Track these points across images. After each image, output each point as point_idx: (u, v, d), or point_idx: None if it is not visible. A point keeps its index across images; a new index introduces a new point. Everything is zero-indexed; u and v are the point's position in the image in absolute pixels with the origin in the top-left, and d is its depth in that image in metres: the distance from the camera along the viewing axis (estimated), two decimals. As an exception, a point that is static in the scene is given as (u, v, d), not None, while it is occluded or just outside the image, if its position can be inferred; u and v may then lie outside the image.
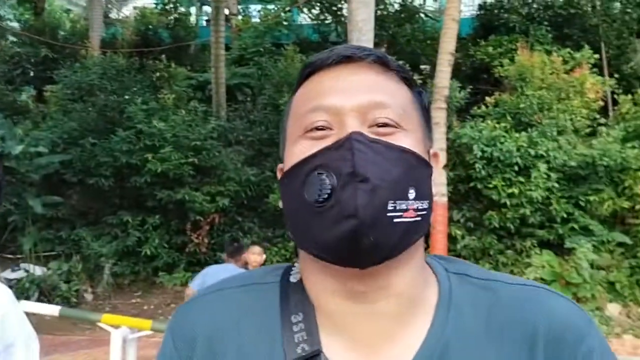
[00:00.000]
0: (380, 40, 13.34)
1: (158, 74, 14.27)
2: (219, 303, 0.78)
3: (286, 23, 16.79)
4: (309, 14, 17.26)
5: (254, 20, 17.84)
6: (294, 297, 0.75)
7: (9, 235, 10.94)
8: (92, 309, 10.04)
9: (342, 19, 15.20)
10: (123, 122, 11.21)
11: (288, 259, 10.07)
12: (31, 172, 10.42)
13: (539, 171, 9.21)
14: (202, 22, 20.30)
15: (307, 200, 0.66)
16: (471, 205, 9.97)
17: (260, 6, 19.21)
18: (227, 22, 15.64)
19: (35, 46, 15.45)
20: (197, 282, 5.33)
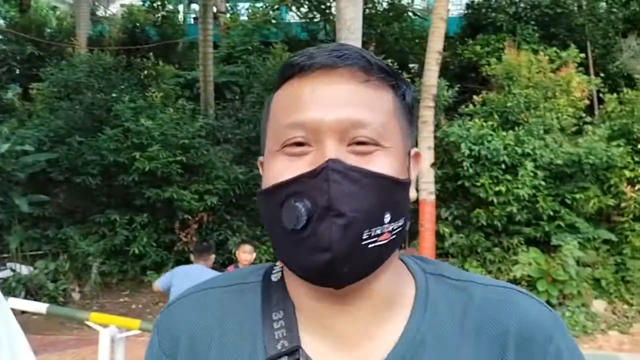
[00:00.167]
0: (368, 39, 13.37)
1: (146, 72, 14.21)
2: (203, 303, 0.80)
3: (274, 21, 16.76)
4: (297, 12, 17.25)
5: (242, 18, 17.81)
6: (275, 295, 0.77)
7: (-5, 234, 10.86)
8: (80, 308, 9.97)
9: (331, 18, 15.21)
10: (110, 120, 11.15)
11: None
12: (17, 171, 10.33)
13: (526, 169, 9.29)
14: (190, 20, 20.22)
15: (284, 227, 0.68)
16: (459, 203, 10.04)
17: (248, 4, 19.16)
18: (215, 20, 15.58)
19: (21, 44, 15.30)
20: (164, 280, 5.29)
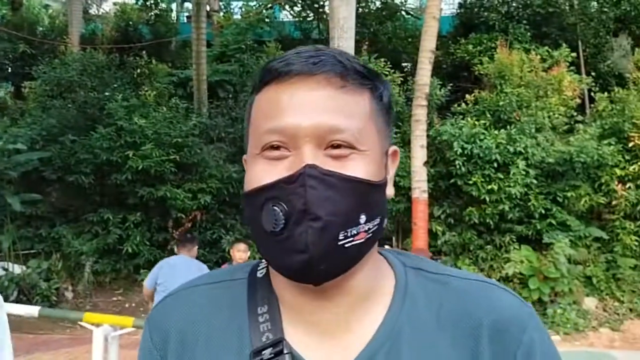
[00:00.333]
0: (361, 38, 13.39)
1: (139, 71, 14.17)
2: (191, 299, 0.84)
3: (268, 20, 16.76)
4: (290, 11, 17.26)
5: (236, 17, 17.78)
6: (260, 291, 0.81)
7: (-13, 233, 10.80)
8: (73, 307, 9.96)
9: (324, 16, 15.22)
10: (103, 118, 11.12)
11: (270, 255, 10.08)
12: (9, 170, 10.27)
13: (518, 168, 9.34)
14: (183, 19, 20.18)
15: (264, 228, 0.72)
16: (451, 201, 10.08)
17: (241, 3, 19.14)
18: (208, 18, 15.56)
19: (13, 42, 15.24)
20: (151, 277, 5.40)
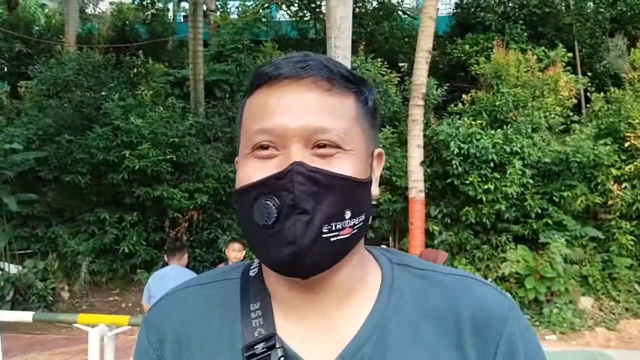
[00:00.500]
0: (358, 38, 13.41)
1: (135, 70, 14.16)
2: (186, 299, 0.87)
3: (264, 20, 16.75)
4: (287, 10, 17.25)
5: (233, 16, 17.79)
6: (252, 288, 0.84)
7: (-17, 233, 10.77)
8: (69, 307, 9.94)
9: (321, 16, 15.24)
10: (100, 118, 11.10)
11: (267, 255, 10.07)
12: (6, 169, 10.25)
13: (514, 167, 9.36)
14: (180, 18, 20.15)
15: (256, 223, 0.75)
16: (448, 201, 10.10)
17: (238, 2, 19.15)
18: (205, 18, 15.56)
19: (9, 41, 15.20)
20: (145, 293, 5.19)
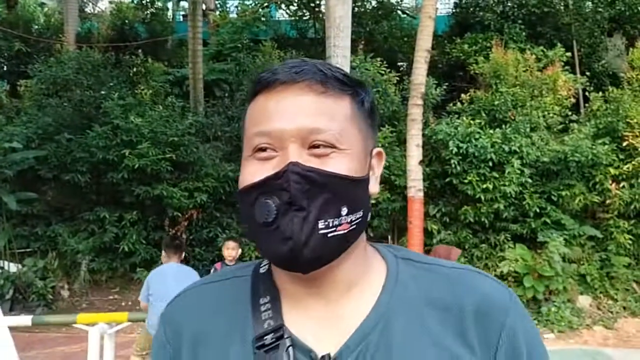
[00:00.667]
0: (357, 37, 13.42)
1: (135, 69, 14.15)
2: (201, 296, 0.92)
3: (264, 19, 16.75)
4: (286, 10, 17.26)
5: (232, 15, 17.78)
6: (262, 284, 0.89)
7: (-17, 232, 10.78)
8: (69, 306, 9.97)
9: (320, 16, 15.25)
10: (99, 117, 11.11)
11: (266, 254, 10.08)
12: (5, 168, 10.26)
13: (513, 167, 9.37)
14: (179, 17, 20.14)
15: (257, 221, 0.80)
16: (447, 200, 10.12)
17: (237, 2, 19.15)
18: (204, 17, 15.55)
19: (9, 40, 15.20)
20: (143, 291, 5.26)
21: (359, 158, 0.83)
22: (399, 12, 16.57)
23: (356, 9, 14.01)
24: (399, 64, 14.95)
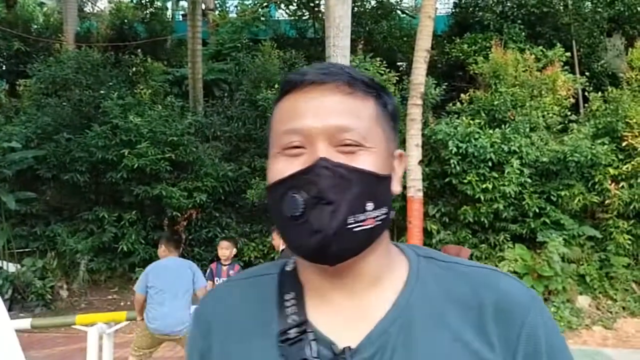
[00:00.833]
0: (357, 37, 13.42)
1: (134, 69, 14.14)
2: (230, 292, 0.97)
3: (263, 19, 16.77)
4: (286, 9, 17.26)
5: (231, 15, 17.80)
6: (288, 281, 0.92)
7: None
8: (68, 305, 9.96)
9: (320, 15, 15.25)
10: (98, 117, 11.11)
11: (266, 253, 10.10)
12: (4, 168, 10.26)
13: (512, 167, 9.37)
14: (179, 17, 20.14)
15: (285, 214, 0.81)
16: (446, 200, 10.12)
17: (237, 1, 19.15)
18: (203, 17, 15.55)
19: (8, 39, 15.20)
20: (141, 282, 5.21)
21: (383, 157, 0.86)
22: (399, 12, 16.58)
23: (356, 8, 14.01)
24: (399, 63, 14.95)
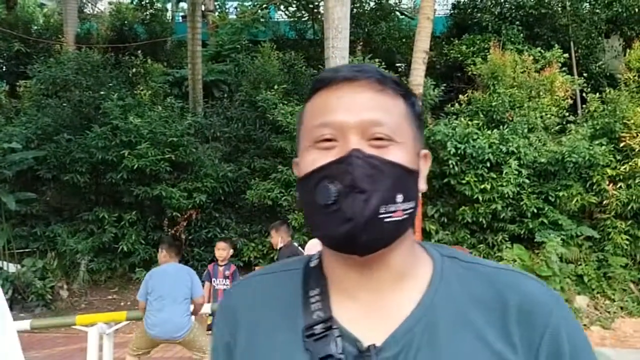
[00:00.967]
0: (356, 38, 13.46)
1: (134, 70, 14.17)
2: (256, 286, 0.97)
3: (263, 20, 16.81)
4: (285, 11, 17.32)
5: (231, 16, 17.84)
6: (312, 277, 0.93)
7: (-18, 232, 10.80)
8: (68, 306, 9.98)
9: (319, 17, 15.29)
10: (99, 118, 11.13)
11: (265, 254, 10.13)
12: (4, 169, 10.28)
13: (510, 167, 9.40)
14: (179, 18, 20.20)
15: (318, 203, 0.83)
16: (445, 200, 10.15)
17: (237, 3, 19.20)
18: (203, 18, 15.60)
19: (8, 40, 15.24)
20: (142, 289, 5.19)
21: (411, 153, 0.88)
22: (397, 13, 16.64)
23: (355, 10, 14.05)
24: (397, 64, 14.99)
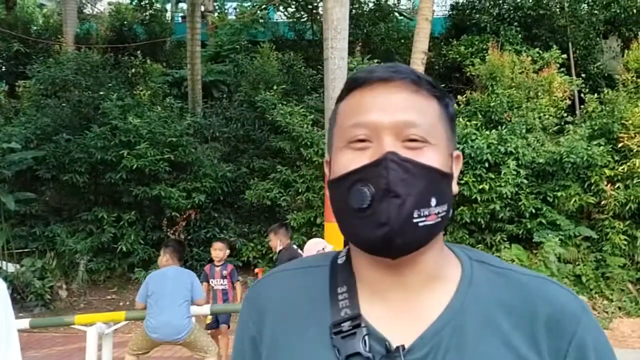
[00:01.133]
0: (354, 39, 13.48)
1: (133, 70, 14.18)
2: (284, 280, 0.97)
3: (262, 21, 16.83)
4: (284, 12, 17.34)
5: (230, 17, 17.86)
6: (340, 274, 0.92)
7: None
8: (67, 305, 9.99)
9: (318, 17, 15.31)
10: (98, 118, 11.14)
11: (264, 254, 10.15)
12: (3, 169, 10.29)
13: (509, 168, 9.42)
14: (178, 19, 20.22)
15: (351, 206, 0.82)
16: (444, 201, 10.15)
17: (236, 3, 19.22)
18: (203, 18, 15.63)
19: (7, 41, 15.25)
20: (141, 291, 5.16)
21: (445, 155, 0.87)
22: (396, 14, 16.66)
23: (353, 10, 14.07)
24: (396, 65, 14.99)
